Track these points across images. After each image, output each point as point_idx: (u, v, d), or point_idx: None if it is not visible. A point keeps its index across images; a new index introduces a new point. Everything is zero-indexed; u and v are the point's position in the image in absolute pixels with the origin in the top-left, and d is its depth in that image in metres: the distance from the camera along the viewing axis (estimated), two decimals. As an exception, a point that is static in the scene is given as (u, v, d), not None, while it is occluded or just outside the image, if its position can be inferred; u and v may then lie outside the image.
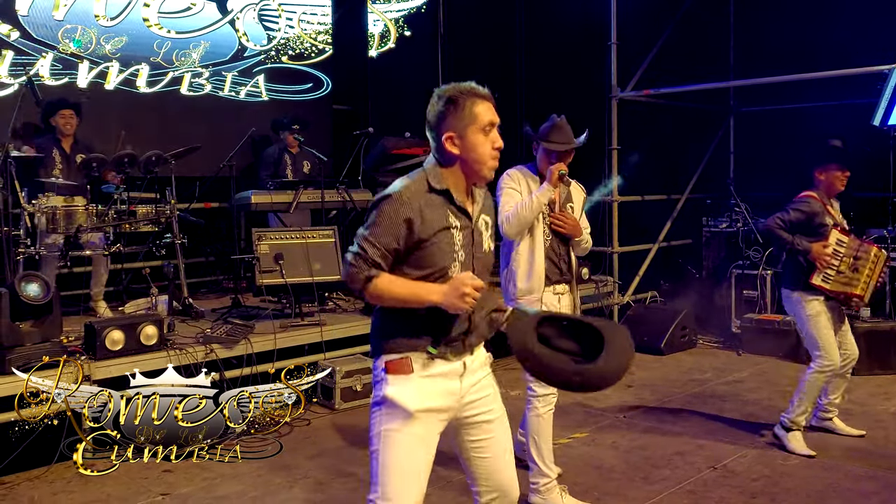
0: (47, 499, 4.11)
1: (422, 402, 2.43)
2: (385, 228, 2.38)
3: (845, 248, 4.55)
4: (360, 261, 2.39)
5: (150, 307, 5.82)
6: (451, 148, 2.46)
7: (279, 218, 7.25)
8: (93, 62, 7.21)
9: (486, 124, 2.45)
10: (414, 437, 2.43)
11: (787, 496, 4.00)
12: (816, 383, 4.60)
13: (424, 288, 2.40)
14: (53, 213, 5.58)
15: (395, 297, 2.41)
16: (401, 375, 2.44)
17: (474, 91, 2.48)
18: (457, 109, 2.45)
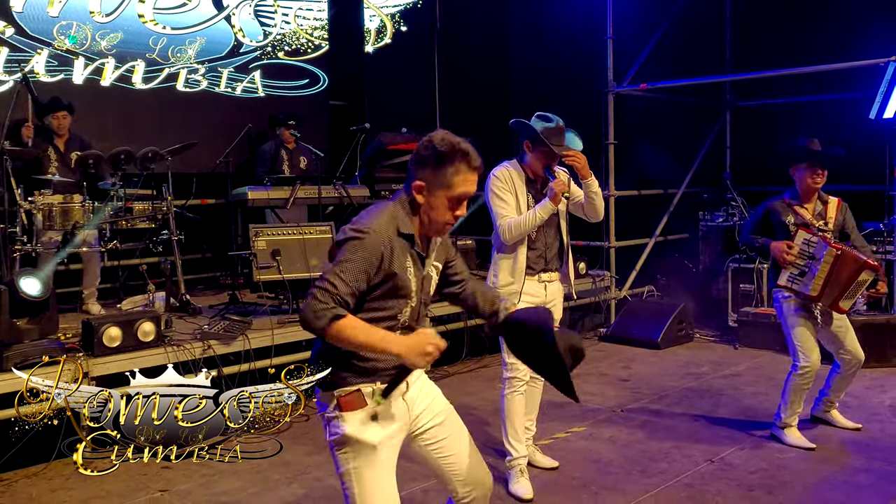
0: (46, 496, 4.12)
1: (381, 431, 2.46)
2: (357, 265, 2.34)
3: (813, 248, 4.44)
4: (327, 297, 2.29)
5: (147, 304, 5.81)
6: (416, 195, 2.45)
7: (276, 214, 7.25)
8: (88, 59, 7.19)
9: (457, 195, 2.43)
10: (382, 466, 2.47)
11: (784, 489, 4.02)
12: (799, 386, 4.56)
13: (387, 339, 2.36)
14: (50, 210, 5.57)
15: (355, 342, 2.34)
16: (356, 411, 2.44)
17: (466, 159, 2.42)
18: (439, 167, 2.41)
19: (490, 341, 6.97)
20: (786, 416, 4.64)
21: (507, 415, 4.06)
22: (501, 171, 3.99)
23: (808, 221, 4.56)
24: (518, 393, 4.03)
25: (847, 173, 4.74)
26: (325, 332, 2.31)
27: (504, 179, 3.95)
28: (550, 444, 4.62)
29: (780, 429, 4.67)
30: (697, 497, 3.95)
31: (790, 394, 4.61)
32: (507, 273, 3.96)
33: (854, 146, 6.69)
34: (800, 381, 4.56)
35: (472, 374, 6.44)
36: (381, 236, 2.37)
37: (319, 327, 2.29)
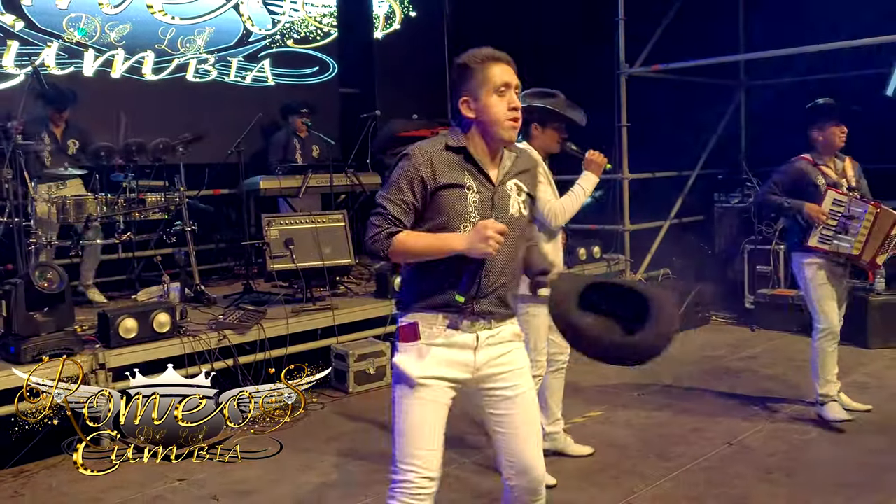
0: (66, 486, 4.14)
1: (424, 370, 2.43)
2: (401, 184, 2.39)
3: (842, 208, 4.45)
4: (380, 219, 2.39)
5: (162, 295, 5.83)
6: (466, 112, 2.47)
7: (289, 203, 7.24)
8: (98, 50, 7.19)
9: (500, 85, 2.45)
10: (420, 402, 2.44)
11: (804, 471, 3.99)
12: (825, 350, 4.56)
13: (446, 237, 2.38)
14: (63, 203, 5.58)
15: (418, 251, 2.39)
16: (407, 343, 2.46)
17: (489, 54, 2.49)
18: (471, 73, 2.46)
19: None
20: (822, 388, 4.59)
21: (547, 394, 4.04)
22: (536, 154, 3.78)
23: (836, 181, 4.54)
24: (560, 373, 4.05)
25: (864, 151, 4.67)
26: (388, 251, 2.37)
27: (540, 162, 3.80)
28: (568, 429, 4.60)
29: (821, 405, 4.61)
30: (716, 480, 3.92)
31: (820, 361, 4.57)
32: (555, 259, 3.85)
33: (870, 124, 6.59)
34: (825, 343, 4.55)
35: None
36: (421, 153, 2.41)
37: (381, 249, 2.37)
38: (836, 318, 4.55)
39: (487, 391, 2.53)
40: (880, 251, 4.53)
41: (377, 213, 2.40)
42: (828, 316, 4.53)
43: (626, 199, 7.95)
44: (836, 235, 4.46)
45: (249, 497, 3.95)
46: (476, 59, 2.48)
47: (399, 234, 2.37)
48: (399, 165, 2.43)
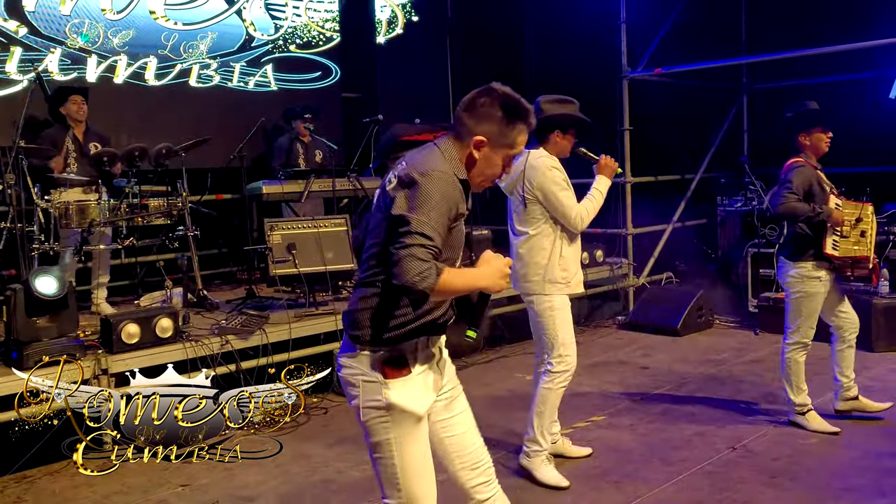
0: (69, 491, 4.15)
1: (426, 401, 2.38)
2: (441, 207, 2.21)
3: (846, 212, 4.43)
4: (427, 254, 2.15)
5: (164, 300, 5.83)
6: (474, 150, 2.35)
7: (291, 208, 7.25)
8: (101, 56, 7.21)
9: (514, 155, 2.41)
10: (423, 437, 2.38)
11: (808, 475, 3.98)
12: (797, 360, 4.56)
13: (474, 275, 2.30)
14: (66, 209, 5.59)
15: (456, 290, 2.28)
16: (397, 378, 2.31)
17: (528, 118, 2.38)
18: (508, 124, 2.34)
19: (509, 331, 6.95)
20: (797, 399, 4.59)
21: (545, 407, 3.97)
22: (554, 161, 3.89)
23: (831, 185, 4.53)
24: (564, 387, 3.99)
25: (867, 154, 4.66)
26: (433, 290, 2.18)
27: (560, 169, 3.87)
28: (571, 434, 4.59)
29: (799, 415, 4.61)
30: (720, 485, 3.91)
31: (791, 371, 4.58)
32: (574, 263, 3.96)
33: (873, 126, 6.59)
34: (797, 354, 4.56)
35: (490, 364, 6.42)
36: (452, 178, 2.28)
37: (427, 288, 2.15)
38: (812, 333, 4.54)
39: (438, 402, 2.48)
40: None
41: (423, 247, 2.16)
42: (808, 330, 4.52)
43: (629, 202, 7.95)
44: (843, 240, 4.44)
45: (252, 502, 3.95)
46: (519, 113, 2.34)
47: (444, 274, 2.20)
48: (435, 189, 2.22)
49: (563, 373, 3.96)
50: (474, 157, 2.36)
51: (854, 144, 4.62)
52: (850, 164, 4.58)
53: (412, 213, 2.19)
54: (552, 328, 3.94)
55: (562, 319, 3.94)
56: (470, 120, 2.36)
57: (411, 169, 2.27)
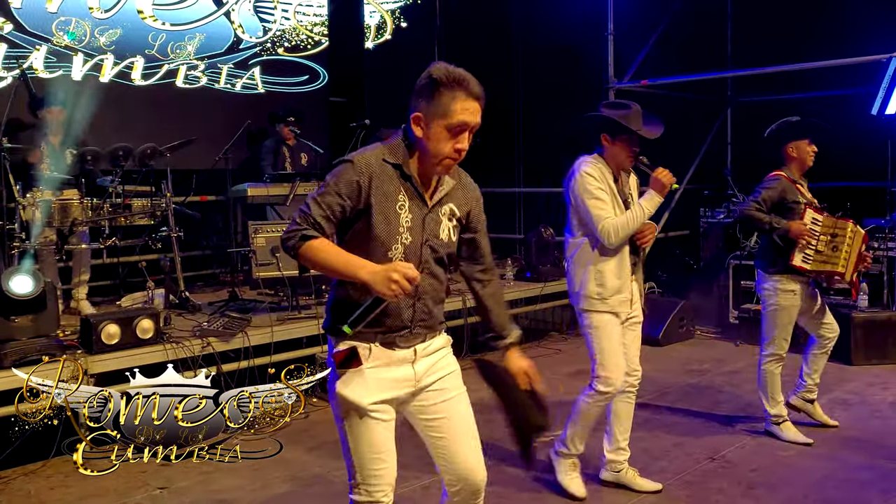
0: (44, 493, 4.10)
1: (372, 396, 2.39)
2: (333, 188, 2.32)
3: (821, 227, 4.46)
4: (301, 218, 2.32)
5: (146, 301, 5.79)
6: (414, 128, 2.36)
7: (276, 211, 7.23)
8: (87, 55, 7.17)
9: (457, 124, 2.31)
10: (372, 425, 2.41)
11: (786, 486, 4.00)
12: (773, 372, 4.61)
13: (355, 261, 2.29)
14: (48, 207, 5.54)
15: (325, 263, 2.31)
16: (347, 370, 2.39)
17: (462, 83, 2.31)
18: (435, 94, 2.31)
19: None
20: (773, 409, 4.63)
21: (579, 418, 3.87)
22: (592, 168, 3.66)
23: (810, 200, 4.55)
24: (603, 408, 3.86)
25: (849, 170, 4.71)
26: (298, 253, 2.32)
27: (598, 177, 3.64)
28: (551, 441, 4.59)
29: (775, 425, 4.65)
30: (698, 495, 3.93)
31: (767, 383, 4.62)
32: (614, 277, 3.69)
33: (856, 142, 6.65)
34: (772, 366, 4.60)
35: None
36: (360, 164, 2.32)
37: (290, 246, 2.32)
38: (787, 345, 4.58)
39: (423, 399, 2.49)
40: (856, 269, 4.61)
41: (301, 212, 2.33)
42: (783, 342, 4.56)
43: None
44: (816, 254, 4.48)
45: (230, 506, 3.93)
46: (448, 79, 2.31)
47: (314, 240, 2.30)
48: (338, 169, 2.35)
49: (602, 393, 3.77)
50: (418, 136, 2.35)
51: (836, 159, 4.67)
52: (831, 178, 4.62)
53: (314, 191, 2.38)
54: (593, 347, 3.78)
55: (603, 339, 3.73)
56: (411, 102, 2.38)
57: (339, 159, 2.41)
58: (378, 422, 2.41)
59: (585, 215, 3.67)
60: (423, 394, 2.49)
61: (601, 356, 3.75)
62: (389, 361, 2.41)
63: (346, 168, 2.33)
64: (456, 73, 2.32)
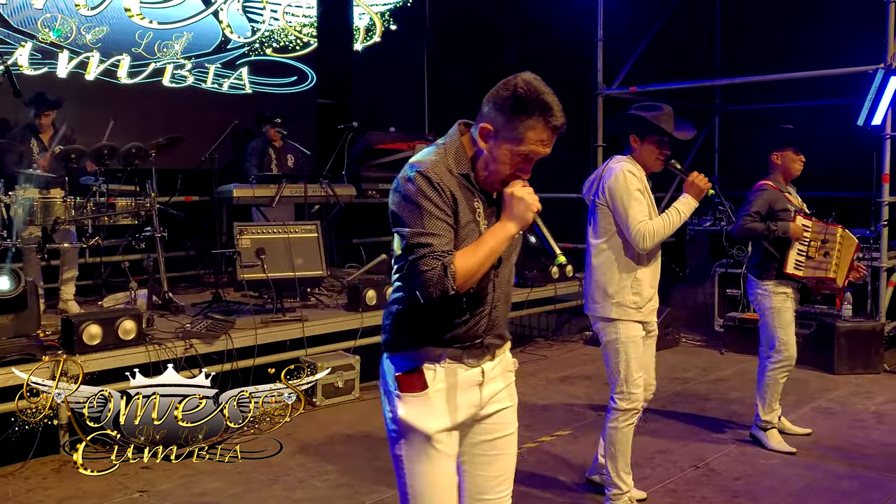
0: (22, 495, 4.04)
1: (439, 422, 2.18)
2: (431, 209, 2.06)
3: (811, 233, 4.49)
4: (430, 261, 2.03)
5: (129, 301, 5.74)
6: (480, 139, 2.15)
7: (262, 212, 7.19)
8: (73, 52, 7.11)
9: (525, 153, 2.11)
10: (437, 457, 2.19)
11: (769, 495, 4.00)
12: (778, 380, 4.62)
13: (494, 232, 2.11)
14: (31, 206, 5.48)
15: (481, 265, 2.08)
16: (412, 393, 2.17)
17: (547, 112, 2.09)
18: (513, 115, 2.09)
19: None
20: (765, 415, 4.64)
21: (618, 448, 3.66)
22: (629, 167, 3.52)
23: (799, 207, 4.59)
24: (632, 426, 3.67)
25: (835, 180, 4.73)
26: (457, 286, 2.04)
27: (639, 177, 3.52)
28: (535, 448, 4.59)
29: (762, 430, 4.65)
30: (682, 503, 3.92)
31: (769, 389, 4.63)
32: (648, 286, 3.57)
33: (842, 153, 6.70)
34: (779, 373, 4.60)
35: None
36: (437, 177, 2.08)
37: (449, 288, 2.03)
38: (794, 350, 4.59)
39: (480, 430, 2.29)
40: (847, 276, 4.63)
41: (425, 256, 2.03)
42: (789, 347, 4.56)
43: (600, 218, 7.98)
44: (808, 260, 4.50)
45: (211, 510, 3.89)
46: (533, 103, 2.08)
47: (453, 263, 2.04)
48: (416, 189, 2.07)
49: (627, 411, 3.62)
50: (482, 149, 2.15)
51: (821, 170, 4.70)
52: (817, 188, 4.64)
53: (403, 228, 2.09)
54: (617, 362, 3.59)
55: (631, 351, 3.57)
56: (485, 107, 2.17)
57: (403, 171, 2.15)
58: (442, 455, 2.20)
59: (621, 216, 3.52)
60: (482, 424, 2.29)
61: (627, 370, 3.57)
62: (456, 383, 2.21)
63: (424, 184, 2.08)
64: (543, 97, 2.11)
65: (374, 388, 5.85)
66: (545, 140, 2.12)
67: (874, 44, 6.64)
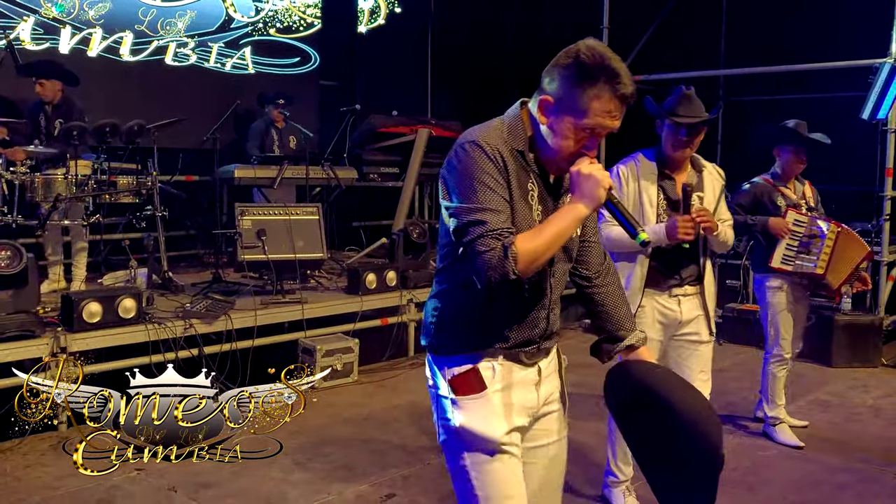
0: (20, 471, 4.05)
1: (504, 425, 2.00)
2: (487, 180, 1.87)
3: (803, 228, 4.46)
4: (488, 240, 1.83)
5: (128, 279, 5.73)
6: (539, 113, 1.94)
7: (263, 193, 7.17)
8: (76, 28, 7.06)
9: (589, 126, 1.89)
10: (506, 464, 2.01)
11: (765, 487, 4.02)
12: (777, 375, 4.63)
13: (564, 213, 1.91)
14: (32, 182, 5.46)
15: (546, 248, 1.87)
16: (470, 396, 1.99)
17: (614, 78, 1.86)
18: (576, 84, 1.87)
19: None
20: (772, 411, 4.65)
21: (619, 440, 3.65)
22: (622, 168, 3.40)
23: (796, 202, 4.55)
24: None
25: (838, 173, 4.71)
26: (518, 270, 1.84)
27: (622, 178, 3.36)
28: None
29: (771, 426, 4.67)
30: (678, 492, 3.93)
31: (769, 385, 4.64)
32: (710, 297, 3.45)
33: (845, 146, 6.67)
34: (777, 368, 4.62)
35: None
36: (491, 147, 1.89)
37: (510, 272, 1.83)
38: (790, 345, 4.59)
39: (533, 434, 2.14)
40: (847, 280, 4.56)
41: (482, 236, 1.83)
42: (784, 342, 4.57)
43: (602, 207, 7.97)
44: (798, 255, 4.46)
45: (209, 490, 3.89)
46: (598, 69, 1.86)
47: (515, 244, 1.84)
48: (470, 159, 1.88)
49: None
50: (543, 122, 1.95)
51: (824, 163, 4.68)
52: (818, 181, 4.62)
53: (455, 202, 1.89)
54: None
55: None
56: (544, 79, 1.95)
57: (457, 141, 1.96)
58: (512, 458, 2.02)
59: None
60: (534, 428, 2.14)
61: None
62: (513, 382, 2.04)
63: (477, 153, 1.88)
64: (609, 62, 1.87)
65: (371, 371, 5.87)
66: (612, 111, 1.89)
67: (880, 37, 6.61)
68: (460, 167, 1.89)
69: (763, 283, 4.60)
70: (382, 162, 8.08)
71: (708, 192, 3.46)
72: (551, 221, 1.91)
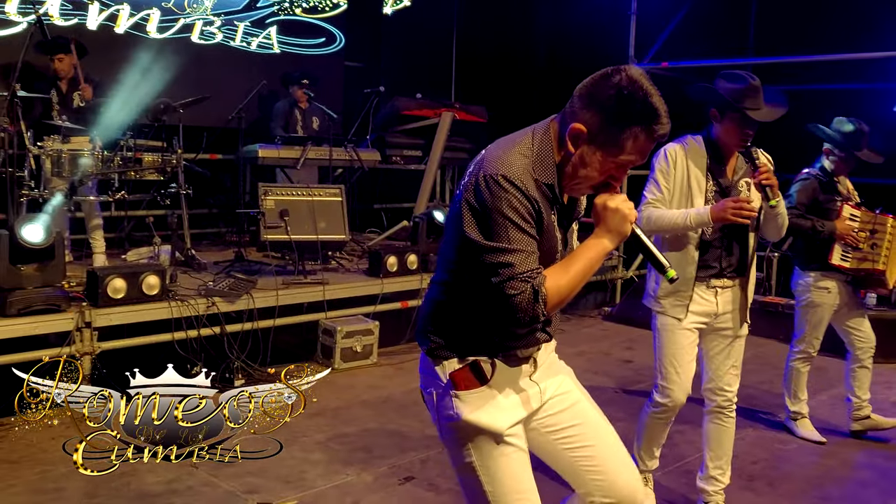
0: (45, 443, 4.10)
1: (508, 415, 2.02)
2: (518, 222, 1.84)
3: (859, 223, 4.29)
4: (517, 284, 1.83)
5: (152, 256, 5.77)
6: (570, 140, 1.88)
7: (286, 173, 7.18)
8: (104, 4, 7.07)
9: (622, 163, 1.88)
10: (515, 455, 2.03)
11: (785, 481, 4.00)
12: (800, 370, 4.58)
13: (587, 248, 1.91)
14: (59, 157, 5.50)
15: (574, 286, 1.90)
16: (471, 390, 2.00)
17: (654, 121, 1.83)
18: (614, 121, 1.83)
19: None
20: (795, 405, 4.61)
21: (645, 430, 3.59)
22: (671, 149, 3.27)
23: (848, 195, 4.41)
24: (662, 422, 3.53)
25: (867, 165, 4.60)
26: (547, 309, 1.86)
27: (670, 159, 3.24)
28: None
29: (792, 421, 4.64)
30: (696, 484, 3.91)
31: (792, 379, 4.60)
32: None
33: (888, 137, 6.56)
34: (800, 364, 4.57)
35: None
36: (524, 186, 1.85)
37: (539, 314, 1.85)
38: (818, 344, 4.51)
39: (548, 409, 2.14)
40: None
41: (507, 280, 1.83)
42: (813, 341, 4.50)
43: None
44: (855, 251, 4.31)
45: (230, 468, 3.92)
46: (640, 108, 1.82)
47: (544, 284, 1.85)
48: (499, 196, 1.83)
49: (660, 406, 3.47)
50: (570, 151, 1.90)
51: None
52: (861, 174, 4.51)
53: (483, 239, 1.86)
54: (655, 351, 3.48)
55: (662, 344, 3.43)
56: (577, 101, 1.88)
57: (485, 166, 1.88)
58: (517, 450, 2.03)
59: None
60: (546, 405, 2.14)
61: (658, 363, 3.45)
62: (511, 375, 2.06)
63: (510, 191, 1.83)
64: (651, 101, 1.83)
65: (391, 354, 5.88)
66: (645, 151, 1.87)
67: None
68: (491, 202, 1.85)
69: (808, 280, 4.41)
70: (405, 145, 8.06)
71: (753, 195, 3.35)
72: (577, 258, 1.91)
